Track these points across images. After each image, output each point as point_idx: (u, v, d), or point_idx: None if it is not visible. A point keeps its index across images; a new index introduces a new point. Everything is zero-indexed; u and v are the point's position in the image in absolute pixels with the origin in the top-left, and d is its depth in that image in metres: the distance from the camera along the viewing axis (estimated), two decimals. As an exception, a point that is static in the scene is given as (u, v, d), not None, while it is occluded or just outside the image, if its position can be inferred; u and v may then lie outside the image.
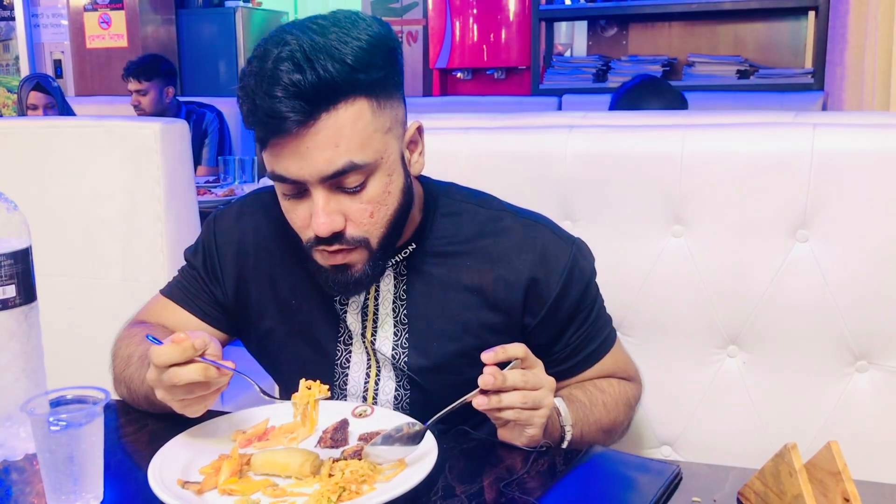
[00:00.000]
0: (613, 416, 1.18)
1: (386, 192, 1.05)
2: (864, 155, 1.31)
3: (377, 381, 1.20)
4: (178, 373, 0.97)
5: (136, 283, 1.83)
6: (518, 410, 0.99)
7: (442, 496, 0.93)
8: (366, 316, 1.18)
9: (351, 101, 0.99)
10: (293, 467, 0.96)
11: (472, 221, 1.17)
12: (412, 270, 1.17)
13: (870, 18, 3.19)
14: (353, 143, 1.00)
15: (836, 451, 0.82)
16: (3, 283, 1.02)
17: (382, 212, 1.06)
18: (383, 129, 1.03)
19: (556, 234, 1.18)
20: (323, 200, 1.02)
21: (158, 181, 1.78)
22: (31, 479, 1.01)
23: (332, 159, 0.99)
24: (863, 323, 1.32)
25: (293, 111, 0.96)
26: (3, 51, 6.05)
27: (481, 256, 1.15)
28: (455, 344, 1.15)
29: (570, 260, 1.15)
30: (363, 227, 1.05)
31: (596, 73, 4.44)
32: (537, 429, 1.02)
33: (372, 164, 1.02)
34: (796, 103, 3.53)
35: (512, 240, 1.16)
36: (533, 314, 1.15)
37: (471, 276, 1.15)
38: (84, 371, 1.33)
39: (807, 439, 1.28)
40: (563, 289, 1.14)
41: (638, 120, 1.67)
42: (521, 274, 1.14)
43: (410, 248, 1.16)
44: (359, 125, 1.00)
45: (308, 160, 0.99)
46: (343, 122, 0.99)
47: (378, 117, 1.02)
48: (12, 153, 1.89)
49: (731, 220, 1.37)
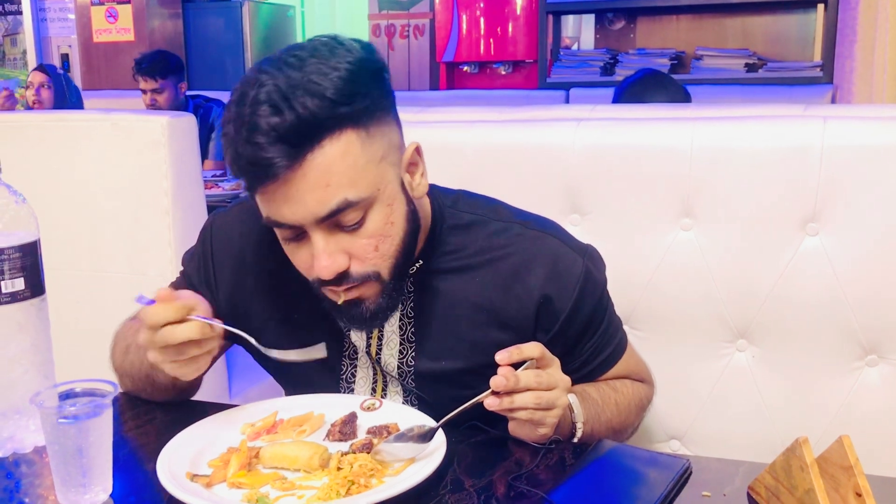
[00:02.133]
0: (625, 416, 1.17)
1: (388, 224, 1.00)
2: (875, 148, 1.30)
3: (384, 395, 1.18)
4: (173, 331, 0.96)
5: (143, 276, 1.84)
6: (531, 411, 0.98)
7: (451, 490, 0.93)
8: (370, 333, 1.14)
9: (336, 136, 0.93)
10: (302, 460, 0.96)
11: (480, 235, 1.13)
12: (419, 287, 1.12)
13: (880, 10, 3.17)
14: (344, 180, 0.94)
15: (848, 445, 0.82)
16: (12, 275, 1.02)
17: (388, 243, 1.01)
18: (376, 159, 0.97)
19: (568, 245, 1.13)
20: (322, 242, 0.97)
21: (166, 175, 1.78)
22: (41, 472, 1.01)
23: (324, 200, 0.94)
24: (873, 317, 1.31)
25: (277, 156, 0.90)
26: (11, 45, 6.07)
27: (490, 273, 1.11)
28: (463, 362, 1.13)
29: (582, 273, 1.10)
30: (369, 262, 1.00)
31: (603, 67, 4.42)
32: (549, 428, 1.01)
33: (368, 198, 0.97)
34: (805, 97, 3.52)
35: (522, 255, 1.11)
36: (545, 331, 1.11)
37: (480, 293, 1.11)
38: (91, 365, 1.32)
39: (816, 434, 1.27)
40: (576, 303, 1.11)
41: (647, 113, 1.66)
42: (533, 291, 1.09)
43: (418, 265, 1.11)
44: (348, 160, 0.94)
45: (300, 203, 0.94)
46: (331, 159, 0.93)
47: (368, 148, 0.96)
48: (20, 146, 1.89)
49: (740, 214, 1.36)
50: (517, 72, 5.04)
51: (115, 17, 5.68)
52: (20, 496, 0.96)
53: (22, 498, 0.96)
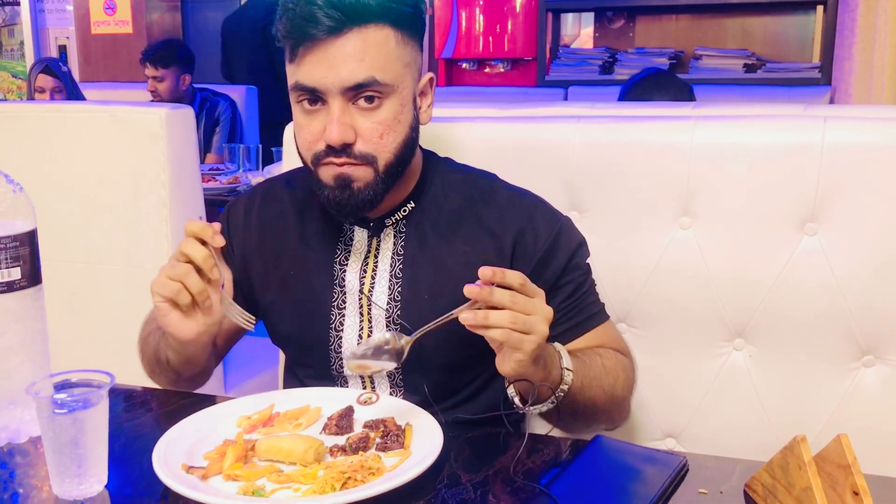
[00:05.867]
0: (612, 378, 1.16)
1: (396, 120, 1.11)
2: (875, 148, 1.30)
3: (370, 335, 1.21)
4: (188, 243, 1.04)
5: (139, 269, 1.83)
6: (507, 332, 0.96)
7: (447, 484, 0.93)
8: (365, 273, 1.22)
9: (380, 27, 1.08)
10: (297, 454, 0.96)
11: (468, 186, 1.24)
12: (411, 227, 1.22)
13: (879, 12, 3.18)
14: (377, 62, 1.07)
15: (845, 444, 0.82)
16: (9, 265, 1.02)
17: (391, 137, 1.11)
18: (403, 61, 1.11)
19: (548, 206, 1.24)
20: (339, 111, 1.08)
21: (164, 167, 1.78)
22: (36, 462, 1.01)
23: (355, 71, 1.07)
24: (870, 317, 1.31)
25: (327, 17, 1.05)
26: (8, 36, 6.04)
27: (475, 219, 1.21)
28: (447, 298, 1.13)
29: (560, 223, 1.21)
30: (372, 144, 1.10)
31: (602, 65, 4.42)
32: (526, 354, 0.98)
33: (390, 86, 1.09)
34: (803, 97, 3.52)
35: (504, 207, 1.21)
36: (522, 268, 1.14)
37: (465, 236, 1.20)
38: (86, 356, 1.33)
39: (812, 434, 1.25)
40: (552, 246, 1.19)
41: (647, 111, 1.66)
42: (511, 228, 1.19)
43: (409, 207, 1.22)
44: (384, 48, 1.08)
45: (333, 69, 1.06)
46: (370, 40, 1.07)
47: (401, 48, 1.10)
48: (18, 137, 1.89)
49: (739, 213, 1.36)
50: (516, 69, 5.03)
51: (113, 10, 5.66)
52: (15, 486, 0.96)
53: (16, 488, 0.96)
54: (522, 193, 1.24)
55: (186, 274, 1.03)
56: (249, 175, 3.50)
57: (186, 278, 1.03)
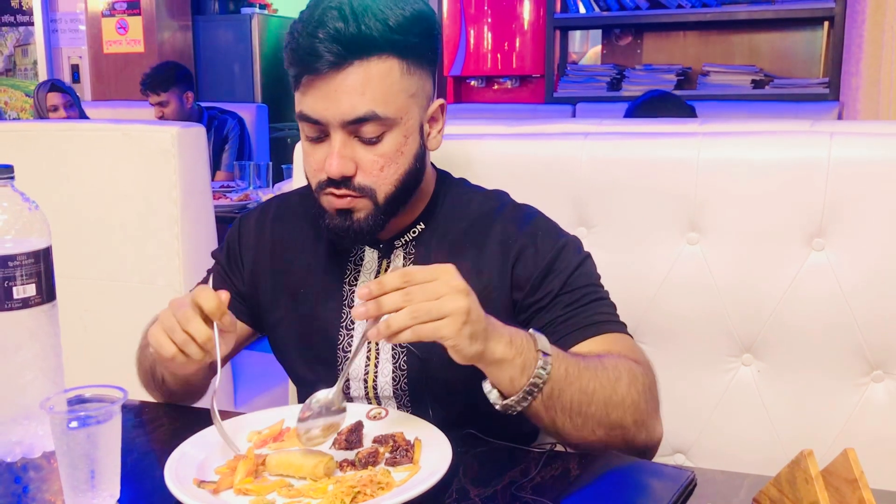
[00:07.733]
0: (612, 375, 1.06)
1: (399, 152, 1.11)
2: (882, 164, 1.31)
3: (377, 363, 1.21)
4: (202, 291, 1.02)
5: (151, 285, 1.85)
6: (415, 328, 0.92)
7: (456, 499, 0.94)
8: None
9: (384, 59, 1.07)
10: (308, 468, 0.96)
11: (476, 205, 1.24)
12: (420, 248, 1.22)
13: (886, 29, 3.18)
14: (378, 95, 1.07)
15: (852, 458, 0.82)
16: (24, 282, 1.03)
17: (392, 169, 1.11)
18: (408, 92, 1.10)
19: (553, 224, 1.23)
20: (340, 144, 1.09)
21: (175, 185, 1.80)
22: (49, 477, 1.02)
23: (356, 105, 1.07)
24: (879, 332, 1.32)
25: (328, 52, 1.05)
26: (22, 56, 6.11)
27: (482, 237, 1.21)
28: None
29: (561, 242, 1.20)
30: (372, 177, 1.11)
31: (610, 82, 4.44)
32: (453, 338, 0.93)
33: (391, 120, 1.09)
34: (811, 113, 3.52)
35: (509, 223, 1.21)
36: (522, 284, 1.18)
37: (473, 255, 1.20)
38: (100, 372, 1.33)
39: (821, 449, 1.25)
40: (552, 263, 1.17)
41: (654, 127, 1.67)
42: (514, 246, 1.19)
43: (419, 228, 1.22)
44: (386, 81, 1.08)
45: (334, 102, 1.07)
46: (373, 74, 1.06)
47: (405, 79, 1.10)
48: (31, 155, 1.91)
49: (746, 228, 1.36)
50: (524, 86, 5.05)
51: (125, 29, 5.71)
52: (28, 501, 0.97)
53: (30, 503, 0.97)
54: (528, 211, 1.24)
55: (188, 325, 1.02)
56: (260, 192, 3.53)
57: (189, 328, 1.02)
